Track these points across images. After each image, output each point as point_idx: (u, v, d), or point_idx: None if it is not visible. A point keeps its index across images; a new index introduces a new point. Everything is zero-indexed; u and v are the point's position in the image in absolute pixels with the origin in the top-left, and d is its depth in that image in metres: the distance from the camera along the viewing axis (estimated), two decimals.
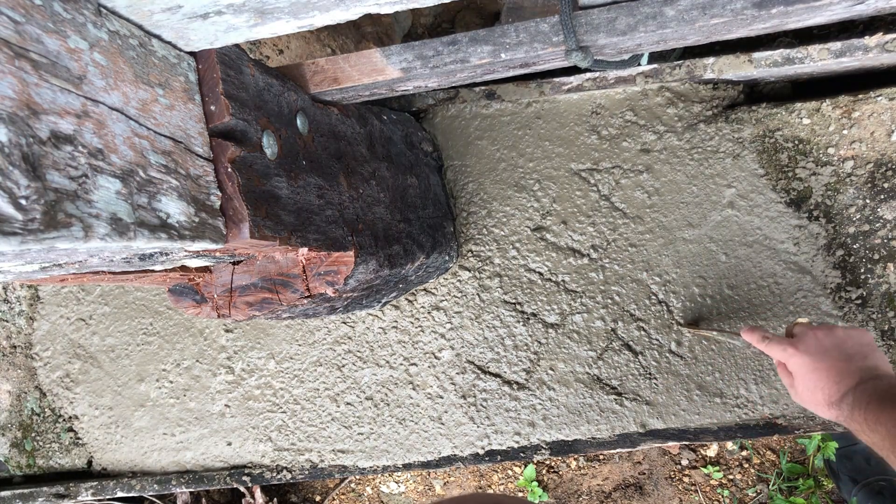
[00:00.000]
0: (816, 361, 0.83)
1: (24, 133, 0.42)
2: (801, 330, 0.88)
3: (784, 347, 0.88)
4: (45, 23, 0.46)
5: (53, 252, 0.46)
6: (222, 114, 0.63)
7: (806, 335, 0.86)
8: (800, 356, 0.85)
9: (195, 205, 0.58)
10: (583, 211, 1.18)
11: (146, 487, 1.35)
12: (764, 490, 1.98)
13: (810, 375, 0.84)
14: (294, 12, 0.60)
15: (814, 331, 0.86)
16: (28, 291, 1.42)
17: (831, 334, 0.85)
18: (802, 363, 0.85)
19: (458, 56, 0.81)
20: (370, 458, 1.28)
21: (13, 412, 1.43)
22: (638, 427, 1.18)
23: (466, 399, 1.24)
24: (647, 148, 1.16)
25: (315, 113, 0.83)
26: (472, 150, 1.22)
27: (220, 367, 1.33)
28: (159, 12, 0.55)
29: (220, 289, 0.82)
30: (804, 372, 0.85)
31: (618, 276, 1.18)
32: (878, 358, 0.84)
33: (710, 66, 1.09)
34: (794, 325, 0.92)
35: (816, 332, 0.86)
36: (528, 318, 1.21)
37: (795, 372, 0.86)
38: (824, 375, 0.82)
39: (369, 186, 0.92)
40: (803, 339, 0.86)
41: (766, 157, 1.12)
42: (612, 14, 0.76)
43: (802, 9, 0.72)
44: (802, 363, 0.85)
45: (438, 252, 1.10)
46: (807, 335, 0.86)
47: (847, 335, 0.85)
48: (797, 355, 0.85)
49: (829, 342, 0.84)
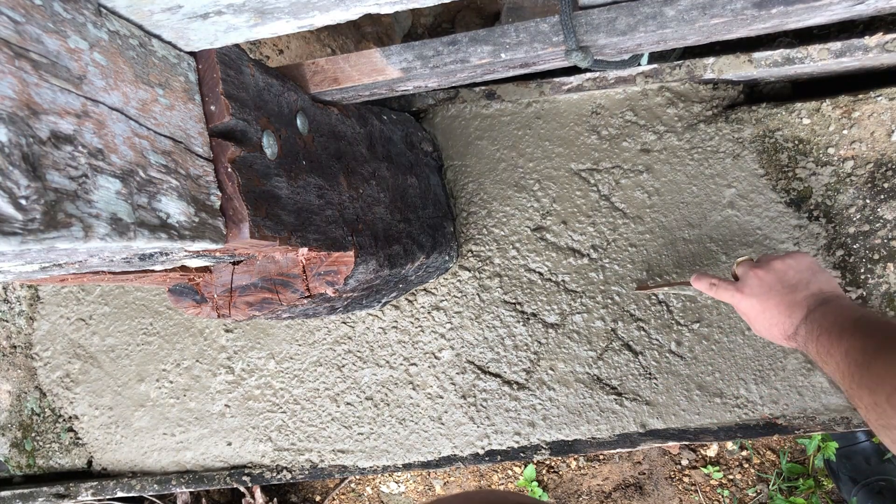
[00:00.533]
0: (763, 301, 0.84)
1: (24, 133, 0.42)
2: (743, 270, 0.88)
3: (732, 293, 0.88)
4: (45, 23, 0.46)
5: (53, 252, 0.46)
6: (222, 114, 0.63)
7: (748, 276, 0.87)
8: (746, 299, 0.86)
9: (195, 205, 0.58)
10: (583, 211, 1.18)
11: (146, 487, 1.35)
12: (764, 490, 1.98)
13: (762, 316, 0.84)
14: (294, 12, 0.60)
15: (754, 270, 0.86)
16: (28, 291, 1.42)
17: (770, 269, 0.85)
18: (751, 305, 0.85)
19: (458, 56, 0.81)
20: (370, 458, 1.28)
21: (13, 412, 1.43)
22: (638, 427, 1.18)
23: (466, 399, 1.24)
24: (647, 148, 1.16)
25: (315, 113, 0.83)
26: (472, 150, 1.22)
27: (220, 367, 1.33)
28: (159, 12, 0.55)
29: (220, 289, 0.82)
30: (755, 314, 0.85)
31: (618, 276, 1.18)
32: (822, 279, 0.83)
33: (710, 66, 1.09)
34: (737, 265, 0.91)
35: (756, 270, 0.86)
36: (528, 318, 1.21)
37: (747, 314, 0.87)
38: (774, 313, 0.83)
39: (369, 186, 0.92)
40: (746, 280, 0.87)
41: (766, 157, 1.12)
42: (612, 14, 0.76)
43: (802, 9, 0.72)
44: (751, 305, 0.85)
45: (438, 252, 1.10)
46: (748, 276, 0.87)
47: (786, 265, 0.85)
48: (744, 298, 0.86)
49: (770, 278, 0.84)
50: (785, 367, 1.13)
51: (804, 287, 0.83)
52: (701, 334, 1.15)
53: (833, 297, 0.81)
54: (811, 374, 1.12)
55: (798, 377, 1.13)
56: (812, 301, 0.81)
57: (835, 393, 1.12)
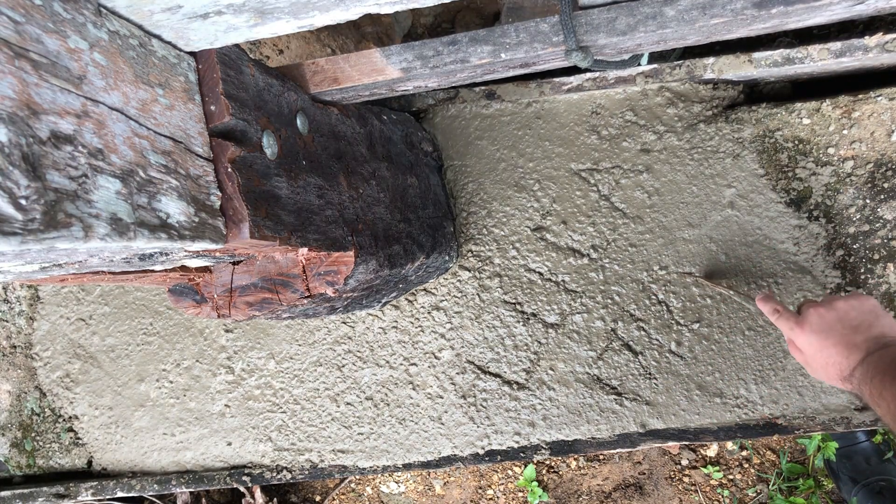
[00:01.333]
0: (823, 339, 0.83)
1: (24, 133, 0.42)
2: (806, 308, 0.88)
3: (791, 326, 0.88)
4: (45, 23, 0.46)
5: (53, 252, 0.46)
6: (222, 114, 0.63)
7: (809, 313, 0.86)
8: (806, 335, 0.85)
9: (195, 205, 0.58)
10: (583, 211, 1.18)
11: (146, 487, 1.35)
12: (764, 490, 1.98)
13: (820, 354, 0.84)
14: (294, 12, 0.60)
15: (816, 308, 0.86)
16: (28, 291, 1.42)
17: (833, 309, 0.85)
18: (810, 342, 0.85)
19: (458, 56, 0.81)
20: (370, 458, 1.28)
21: (13, 412, 1.43)
22: (638, 427, 1.18)
23: (466, 399, 1.24)
24: (647, 148, 1.16)
25: (315, 113, 0.83)
26: (472, 150, 1.22)
27: (220, 367, 1.33)
28: (159, 12, 0.55)
29: (220, 289, 0.82)
30: (813, 351, 0.85)
31: (618, 276, 1.18)
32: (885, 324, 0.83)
33: (710, 66, 1.09)
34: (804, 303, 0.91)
35: (819, 308, 0.86)
36: (528, 318, 1.21)
37: (805, 351, 0.86)
38: (833, 352, 0.82)
39: (369, 186, 0.92)
40: (807, 317, 0.86)
41: (766, 157, 1.12)
42: (612, 14, 0.76)
43: (802, 9, 0.72)
44: (810, 342, 0.85)
45: (438, 252, 1.10)
46: (810, 313, 0.86)
47: (849, 306, 0.84)
48: (803, 335, 0.86)
49: (831, 317, 0.84)
50: (785, 367, 1.13)
51: (866, 329, 0.82)
52: (701, 334, 1.15)
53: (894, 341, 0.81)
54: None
55: (798, 377, 1.13)
56: (872, 344, 0.80)
57: (835, 393, 1.12)
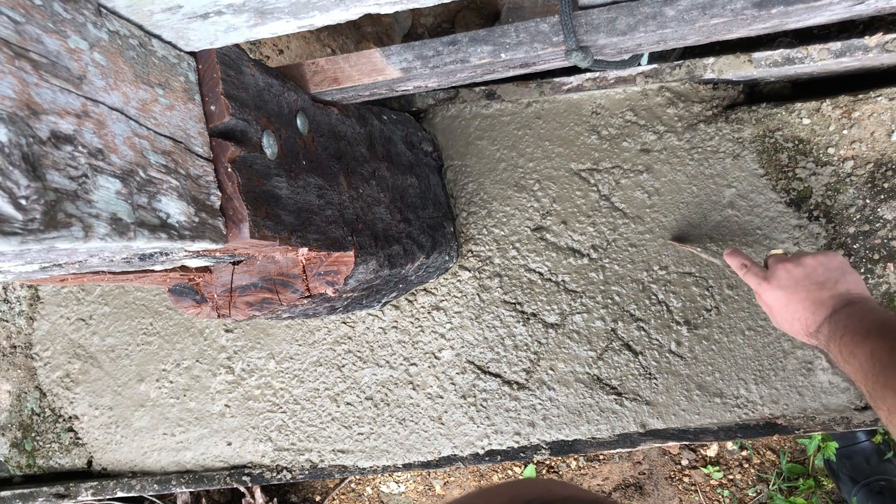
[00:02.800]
0: (789, 294, 0.84)
1: (24, 133, 0.42)
2: (774, 262, 0.88)
3: (759, 281, 0.89)
4: (45, 23, 0.46)
5: (53, 252, 0.46)
6: (222, 114, 0.63)
7: (777, 268, 0.87)
8: (773, 290, 0.86)
9: (195, 205, 0.58)
10: (583, 211, 1.18)
11: (146, 487, 1.35)
12: (764, 490, 1.98)
13: (786, 308, 0.85)
14: (294, 12, 0.60)
15: (784, 263, 0.87)
16: (28, 291, 1.42)
17: (801, 264, 0.85)
18: (776, 297, 0.86)
19: (458, 56, 0.81)
20: (370, 458, 1.28)
21: (13, 412, 1.43)
22: (638, 427, 1.18)
23: (466, 399, 1.24)
24: (647, 148, 1.16)
25: (315, 113, 0.83)
26: (472, 150, 1.22)
27: (220, 367, 1.33)
28: (159, 12, 0.55)
29: (220, 289, 0.82)
30: (779, 306, 0.86)
31: (618, 276, 1.18)
32: (851, 280, 0.83)
33: (710, 66, 1.09)
34: (770, 257, 0.92)
35: (786, 264, 0.86)
36: (528, 318, 1.21)
37: (771, 305, 0.87)
38: (799, 308, 0.83)
39: (369, 186, 0.92)
40: (775, 272, 0.87)
41: (766, 157, 1.12)
42: (612, 14, 0.76)
43: (802, 9, 0.72)
44: (776, 297, 0.86)
45: (438, 252, 1.10)
46: (777, 268, 0.87)
47: (817, 262, 0.85)
48: (770, 289, 0.86)
49: (799, 273, 0.84)
50: (785, 367, 1.13)
51: (832, 286, 0.82)
52: (701, 334, 1.15)
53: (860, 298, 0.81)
54: (811, 374, 1.12)
55: (798, 377, 1.13)
56: (838, 301, 0.81)
57: (835, 393, 1.12)
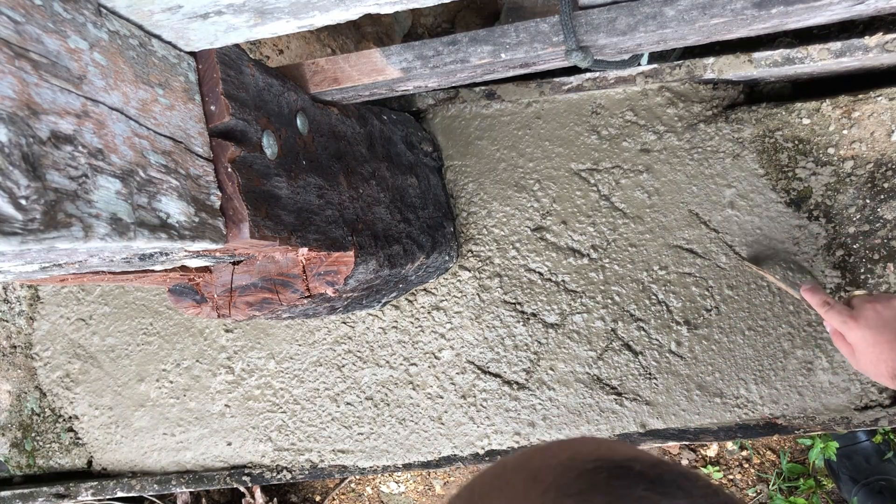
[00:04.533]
0: (877, 335, 0.83)
1: (24, 133, 0.42)
2: (860, 302, 0.87)
3: (844, 319, 0.87)
4: (45, 23, 0.46)
5: (53, 252, 0.46)
6: (222, 114, 0.63)
7: (865, 307, 0.85)
8: (860, 329, 0.84)
9: (195, 205, 0.58)
10: (583, 211, 1.18)
11: (146, 487, 1.35)
12: (764, 490, 1.98)
13: (872, 349, 0.83)
14: (294, 12, 0.60)
15: (872, 303, 0.85)
16: (28, 291, 1.42)
17: (890, 306, 0.84)
18: (863, 336, 0.84)
19: (458, 56, 0.81)
20: (370, 458, 1.28)
21: (13, 412, 1.43)
22: (638, 427, 1.18)
23: (466, 399, 1.24)
24: (647, 148, 1.16)
25: (315, 113, 0.83)
26: (472, 150, 1.22)
27: (220, 367, 1.33)
28: (159, 12, 0.55)
29: (220, 289, 0.82)
30: (865, 346, 0.84)
31: (618, 276, 1.18)
32: None
33: (710, 66, 1.09)
34: (853, 297, 0.91)
35: (875, 304, 0.85)
36: (528, 318, 1.21)
37: (856, 345, 0.86)
38: (886, 349, 0.82)
39: (369, 186, 0.92)
40: (862, 311, 0.85)
41: (766, 157, 1.12)
42: (612, 14, 0.76)
43: (802, 9, 0.72)
44: (863, 336, 0.84)
45: (438, 252, 1.10)
46: (865, 307, 0.85)
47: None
48: (857, 328, 0.85)
49: (888, 314, 0.83)
50: (785, 367, 1.13)
51: None
52: (701, 334, 1.15)
53: None
54: (811, 374, 1.12)
55: (798, 377, 1.13)
56: None
57: (835, 393, 1.12)
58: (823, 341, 1.12)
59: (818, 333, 1.12)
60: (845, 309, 0.88)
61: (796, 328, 1.12)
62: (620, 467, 0.36)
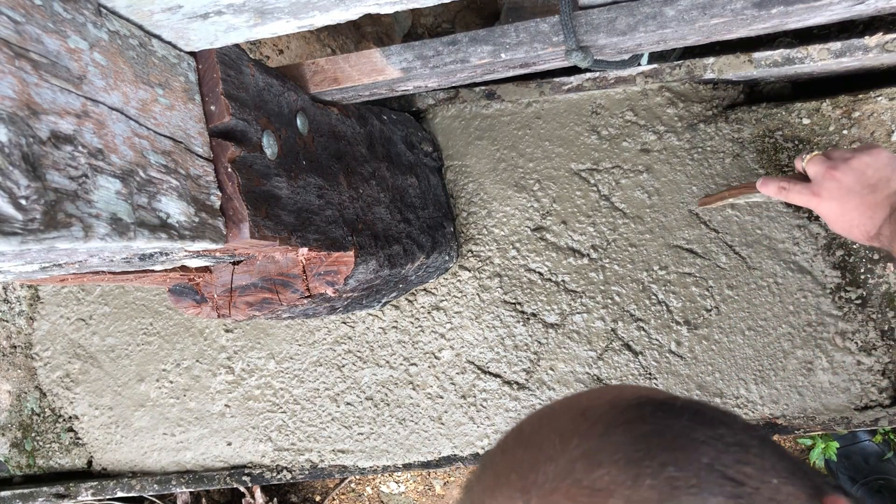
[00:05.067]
0: (843, 204, 0.81)
1: (24, 133, 0.42)
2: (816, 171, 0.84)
3: (807, 198, 0.85)
4: (45, 23, 0.46)
5: (53, 252, 0.46)
6: (222, 114, 0.63)
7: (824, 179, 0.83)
8: (825, 202, 0.83)
9: (195, 205, 0.58)
10: (583, 211, 1.18)
11: (146, 487, 1.35)
12: None
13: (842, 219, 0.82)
14: (294, 12, 0.60)
15: (829, 171, 0.82)
16: (28, 291, 1.42)
17: (848, 169, 0.81)
18: (830, 209, 0.82)
19: (458, 56, 0.81)
20: (370, 458, 1.28)
21: (13, 412, 1.43)
22: None
23: (466, 399, 1.24)
24: (647, 148, 1.16)
25: (315, 113, 0.83)
26: (472, 150, 1.22)
27: (220, 367, 1.33)
28: (159, 12, 0.55)
29: (220, 289, 0.82)
30: (834, 217, 0.83)
31: (618, 276, 1.18)
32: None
33: (710, 66, 1.09)
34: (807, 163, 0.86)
35: (832, 172, 0.82)
36: (528, 318, 1.21)
37: (826, 217, 0.84)
38: (855, 215, 0.80)
39: (369, 186, 0.92)
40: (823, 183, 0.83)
41: (765, 157, 1.12)
42: (612, 14, 0.76)
43: (802, 9, 0.72)
44: (830, 209, 0.82)
45: (438, 252, 1.10)
46: (825, 179, 0.82)
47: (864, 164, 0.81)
48: (822, 202, 0.83)
49: (848, 179, 0.81)
50: (785, 367, 1.13)
51: (885, 185, 0.79)
52: (701, 334, 1.15)
53: None
54: (811, 374, 1.12)
55: (798, 377, 1.13)
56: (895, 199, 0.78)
57: (835, 393, 1.12)
58: (823, 341, 1.12)
59: (818, 333, 1.12)
60: (804, 186, 0.85)
61: (796, 328, 1.12)
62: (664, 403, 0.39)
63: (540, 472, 0.35)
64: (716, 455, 0.34)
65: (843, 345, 1.11)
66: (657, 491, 0.32)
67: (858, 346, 1.11)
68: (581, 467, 0.34)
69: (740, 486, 0.33)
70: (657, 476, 0.33)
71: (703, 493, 0.32)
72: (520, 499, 0.35)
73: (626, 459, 0.34)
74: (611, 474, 0.33)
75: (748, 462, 0.34)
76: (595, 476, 0.34)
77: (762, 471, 0.34)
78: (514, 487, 0.36)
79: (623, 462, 0.34)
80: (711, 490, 0.32)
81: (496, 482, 0.38)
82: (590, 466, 0.34)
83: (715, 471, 0.33)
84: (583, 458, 0.35)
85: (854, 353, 1.11)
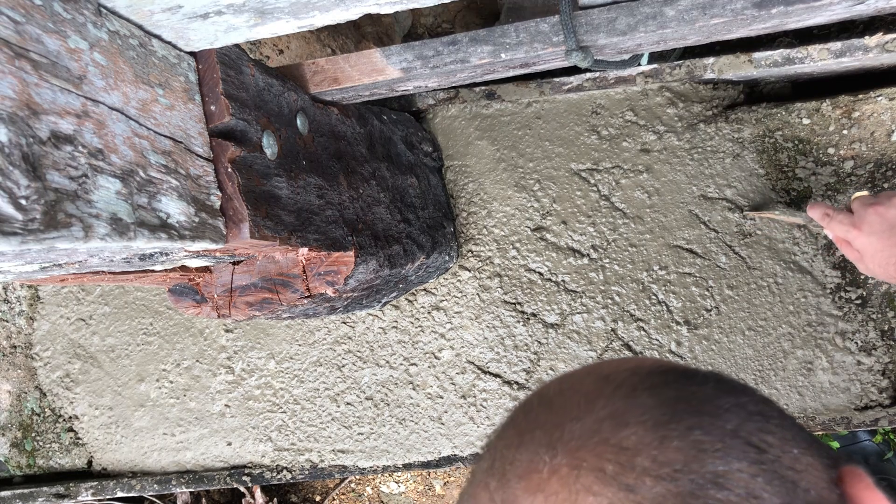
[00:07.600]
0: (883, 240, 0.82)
1: (25, 133, 0.42)
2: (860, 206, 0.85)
3: (847, 228, 0.86)
4: (45, 23, 0.46)
5: (53, 252, 0.46)
6: (222, 114, 0.63)
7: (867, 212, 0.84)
8: (864, 236, 0.84)
9: (195, 205, 0.58)
10: (583, 211, 1.18)
11: (146, 487, 1.35)
12: None
13: (880, 254, 0.83)
14: (294, 12, 0.60)
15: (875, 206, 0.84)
16: (28, 291, 1.42)
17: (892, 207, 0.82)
18: (869, 243, 0.83)
19: (459, 56, 0.81)
20: (370, 458, 1.28)
21: (13, 412, 1.43)
22: None
23: (466, 399, 1.24)
24: (647, 148, 1.16)
25: (315, 113, 0.83)
26: (472, 150, 1.22)
27: (220, 367, 1.33)
28: (159, 12, 0.55)
29: (220, 289, 0.82)
30: (872, 252, 0.83)
31: (618, 276, 1.18)
32: None
33: (710, 66, 1.09)
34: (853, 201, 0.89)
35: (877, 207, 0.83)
36: (528, 318, 1.21)
37: (863, 251, 0.85)
38: (893, 252, 0.81)
39: (369, 186, 0.92)
40: (865, 217, 0.84)
41: (765, 158, 1.12)
42: (612, 14, 0.76)
43: (802, 9, 0.72)
44: (869, 243, 0.83)
45: (438, 252, 1.10)
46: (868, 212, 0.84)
47: None
48: (861, 236, 0.84)
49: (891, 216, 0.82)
50: (785, 367, 1.13)
51: None
52: (701, 334, 1.15)
53: None
54: (811, 374, 1.12)
55: (798, 377, 1.13)
56: None
57: (835, 393, 1.12)
58: (823, 341, 1.12)
59: (818, 333, 1.12)
60: (847, 217, 0.87)
61: (796, 328, 1.12)
62: (686, 370, 0.40)
63: (566, 430, 0.36)
64: (740, 422, 0.35)
65: (843, 345, 1.11)
66: (683, 453, 0.33)
67: (858, 346, 1.11)
68: (608, 427, 0.35)
69: (763, 454, 0.34)
70: (684, 438, 0.33)
71: (727, 457, 0.33)
72: (545, 454, 0.35)
73: (654, 421, 0.35)
74: (637, 434, 0.34)
75: (770, 431, 0.35)
76: (622, 435, 0.34)
77: (783, 440, 0.35)
78: (540, 443, 0.36)
79: (650, 423, 0.34)
80: (736, 455, 0.33)
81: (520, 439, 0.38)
82: (617, 426, 0.35)
83: (739, 437, 0.34)
84: (610, 419, 0.36)
85: (854, 353, 1.11)
